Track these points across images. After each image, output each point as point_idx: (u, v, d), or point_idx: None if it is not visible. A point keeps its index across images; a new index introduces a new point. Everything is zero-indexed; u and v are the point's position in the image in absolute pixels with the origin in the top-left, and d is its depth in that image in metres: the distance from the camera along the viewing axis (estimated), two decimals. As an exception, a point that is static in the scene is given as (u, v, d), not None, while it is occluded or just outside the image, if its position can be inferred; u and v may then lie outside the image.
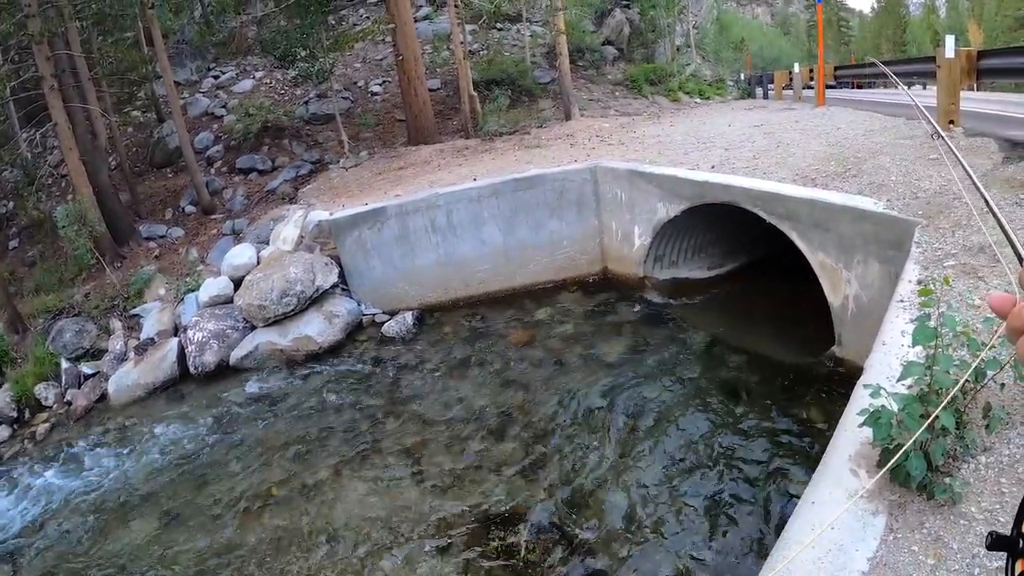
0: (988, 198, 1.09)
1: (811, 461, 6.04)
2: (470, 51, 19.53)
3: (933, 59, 9.64)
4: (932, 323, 3.29)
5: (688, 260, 11.16)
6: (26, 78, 14.27)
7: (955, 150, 1.41)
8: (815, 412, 6.99)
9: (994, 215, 1.04)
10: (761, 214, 8.05)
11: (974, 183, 1.16)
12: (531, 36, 22.30)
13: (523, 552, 5.82)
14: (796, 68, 19.37)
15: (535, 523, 6.17)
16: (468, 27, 20.93)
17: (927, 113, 1.98)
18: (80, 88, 14.20)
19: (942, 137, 1.64)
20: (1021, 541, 0.89)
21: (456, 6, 16.63)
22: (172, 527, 7.66)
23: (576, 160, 12.22)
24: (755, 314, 9.69)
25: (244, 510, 7.55)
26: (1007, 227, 0.96)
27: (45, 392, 11.80)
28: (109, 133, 16.75)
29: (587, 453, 7.09)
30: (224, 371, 11.03)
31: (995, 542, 0.91)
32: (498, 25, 23.27)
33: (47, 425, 11.26)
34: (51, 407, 11.69)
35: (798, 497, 5.31)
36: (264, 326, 10.98)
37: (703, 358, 8.68)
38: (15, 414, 11.68)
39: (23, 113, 16.74)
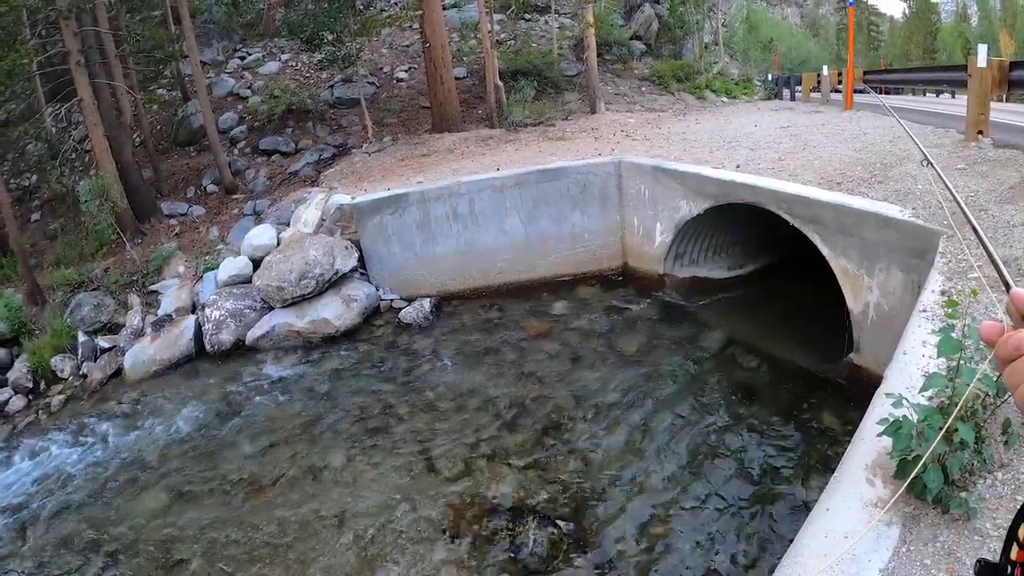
0: (976, 224, 1.08)
1: (824, 467, 6.02)
2: (497, 41, 19.51)
3: (964, 68, 9.53)
4: (956, 335, 3.27)
5: (708, 260, 11.11)
6: (53, 53, 14.34)
7: (943, 176, 1.40)
8: (830, 418, 6.95)
9: (980, 240, 1.04)
10: (785, 216, 8.00)
11: (962, 209, 1.15)
12: (559, 28, 22.23)
13: (531, 545, 5.84)
14: (824, 71, 19.20)
15: (543, 516, 6.18)
16: (496, 17, 20.90)
17: (916, 140, 1.97)
18: (106, 65, 14.28)
19: (931, 164, 1.66)
20: (1010, 568, 0.88)
21: (484, -5, 16.61)
22: (181, 503, 7.73)
23: (600, 154, 12.18)
24: (773, 317, 9.64)
25: (253, 489, 7.60)
26: (993, 253, 0.96)
27: (61, 364, 11.89)
28: (134, 110, 16.84)
29: (598, 448, 7.09)
30: (240, 350, 11.10)
31: (983, 569, 0.91)
32: (526, 16, 23.21)
33: (62, 397, 11.37)
34: (67, 379, 11.77)
35: (810, 503, 5.31)
36: (282, 307, 11.02)
37: (719, 359, 8.66)
38: (31, 384, 11.78)
39: (48, 88, 16.84)
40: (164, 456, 8.95)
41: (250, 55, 20.46)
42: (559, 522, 6.07)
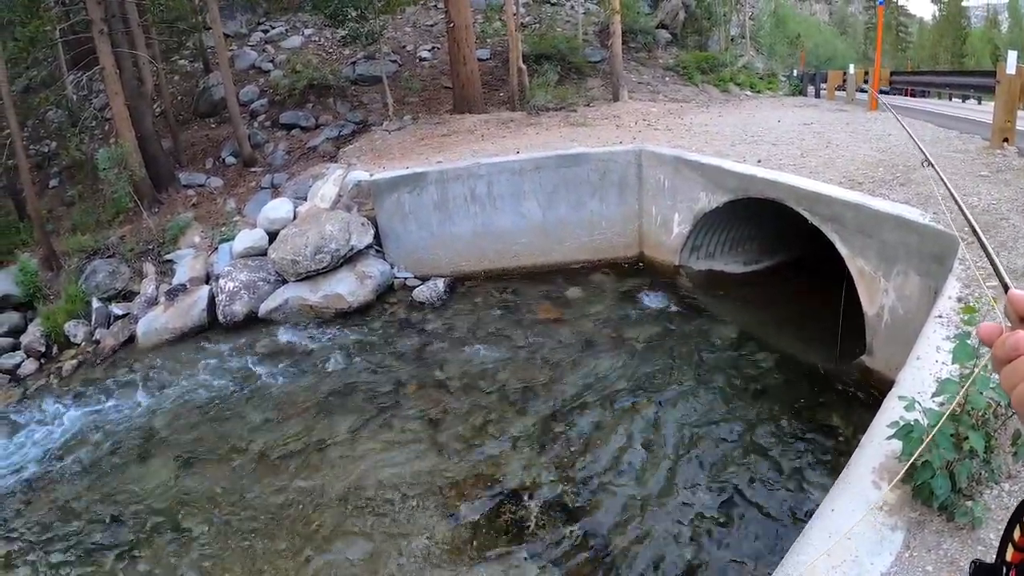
0: (974, 223, 1.08)
1: (830, 468, 6.02)
2: (522, 24, 19.40)
3: (993, 74, 9.42)
4: (972, 342, 3.25)
5: (725, 253, 11.07)
6: (76, 21, 14.37)
7: (944, 178, 1.39)
8: (838, 419, 6.94)
9: (979, 240, 1.03)
10: (804, 213, 7.96)
11: (960, 208, 1.15)
12: (584, 13, 22.09)
13: (532, 527, 5.88)
14: (851, 69, 19.00)
15: (547, 500, 6.22)
16: (522, 0, 20.79)
17: (921, 145, 1.96)
18: (129, 34, 14.31)
19: (932, 165, 1.64)
20: (1005, 569, 0.88)
21: (511, -23, 16.51)
22: (188, 471, 7.83)
23: (621, 142, 12.14)
24: (786, 315, 9.60)
25: (261, 460, 7.70)
26: (992, 253, 0.95)
27: (74, 330, 11.99)
28: (155, 80, 16.90)
29: (605, 436, 7.11)
30: (252, 322, 11.17)
31: (978, 570, 0.91)
32: (551, 0, 23.09)
33: (74, 362, 11.46)
34: (79, 345, 11.87)
35: (814, 502, 5.32)
36: (295, 281, 11.08)
37: (730, 353, 8.65)
38: (43, 349, 11.90)
39: (70, 56, 16.91)
40: (173, 424, 9.05)
41: (273, 29, 20.44)
42: (560, 505, 6.11)
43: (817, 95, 22.79)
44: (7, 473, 9.01)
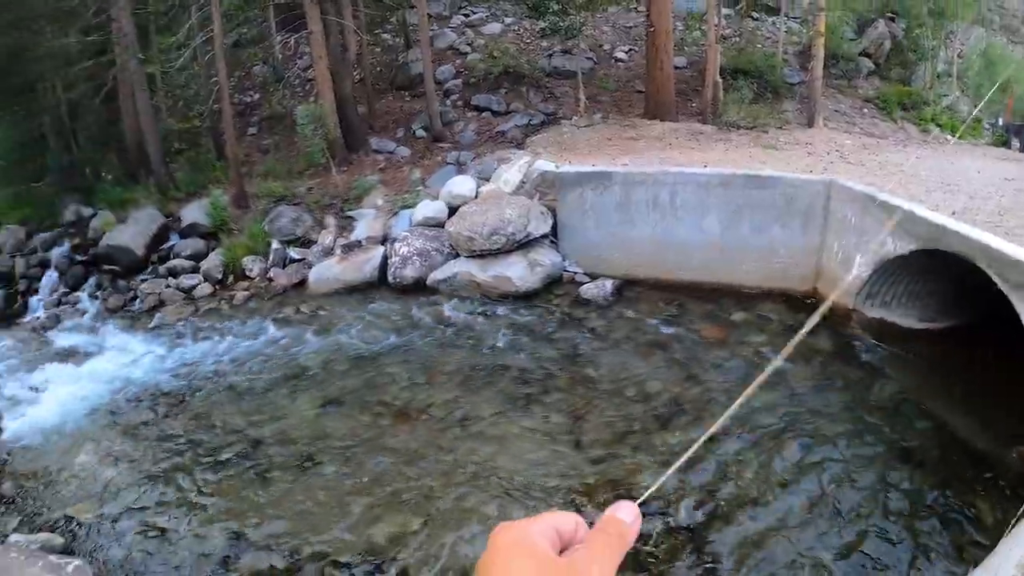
0: None
1: (964, 553, 5.60)
2: (722, 36, 19.01)
3: None
4: None
5: (901, 305, 10.42)
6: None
7: None
8: (986, 505, 6.37)
9: None
10: (994, 277, 7.35)
11: None
12: (786, 32, 21.40)
13: (652, 540, 5.79)
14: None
15: (671, 518, 6.08)
16: (724, 11, 20.38)
17: None
18: (337, 4, 15.10)
19: None
20: None
21: (715, -14, 16.19)
22: (331, 413, 8.30)
23: (812, 171, 11.68)
24: (955, 382, 8.81)
25: (401, 418, 8.03)
26: None
27: (251, 265, 12.99)
28: (358, 50, 17.84)
29: (742, 467, 6.84)
30: (419, 288, 11.61)
31: None
32: (754, 14, 22.47)
33: (246, 293, 12.46)
34: (253, 279, 12.92)
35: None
36: (467, 257, 11.38)
37: (889, 412, 8.09)
38: (220, 276, 13.08)
39: (279, 19, 18.23)
40: (326, 366, 9.58)
41: (475, 13, 20.99)
42: (685, 527, 5.98)
43: (1022, 150, 21.17)
44: (168, 377, 9.94)
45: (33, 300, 13.71)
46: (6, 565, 5.27)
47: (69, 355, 11.09)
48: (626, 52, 19.10)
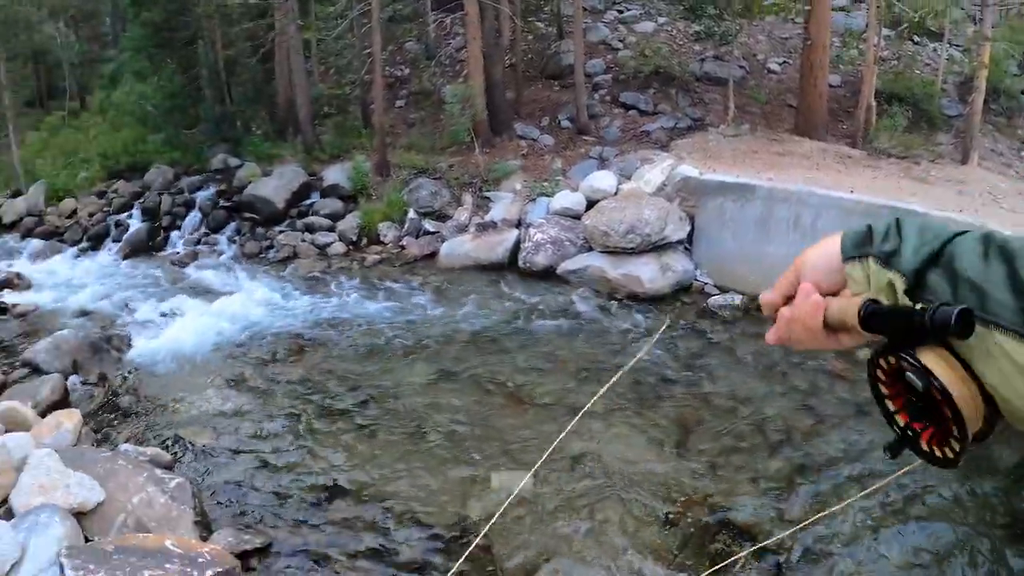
0: None
1: None
2: (880, 57, 18.39)
3: None
4: None
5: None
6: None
7: None
8: None
9: None
10: None
11: None
12: (947, 59, 20.49)
13: (740, 565, 5.63)
14: None
15: (763, 550, 5.82)
16: (884, 31, 19.67)
17: None
18: (495, -12, 15.44)
19: None
20: (911, 432, 0.82)
21: (878, 6, 15.63)
22: (443, 384, 8.57)
23: (962, 211, 11.24)
24: None
25: (512, 399, 8.21)
26: None
27: (386, 231, 13.68)
28: (511, 35, 18.33)
29: (846, 510, 6.39)
30: (548, 276, 11.87)
31: (891, 446, 0.86)
32: (915, 38, 21.57)
33: (377, 257, 13.16)
34: (386, 244, 13.64)
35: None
36: (600, 251, 11.55)
37: (1002, 478, 7.66)
38: (354, 238, 13.87)
39: (435, -1, 18.86)
40: (446, 338, 9.93)
41: (628, 10, 20.96)
42: (772, 560, 5.85)
43: None
44: (293, 323, 10.58)
45: (174, 236, 14.96)
46: (113, 470, 5.52)
47: (202, 290, 12.04)
48: (779, 64, 18.71)
